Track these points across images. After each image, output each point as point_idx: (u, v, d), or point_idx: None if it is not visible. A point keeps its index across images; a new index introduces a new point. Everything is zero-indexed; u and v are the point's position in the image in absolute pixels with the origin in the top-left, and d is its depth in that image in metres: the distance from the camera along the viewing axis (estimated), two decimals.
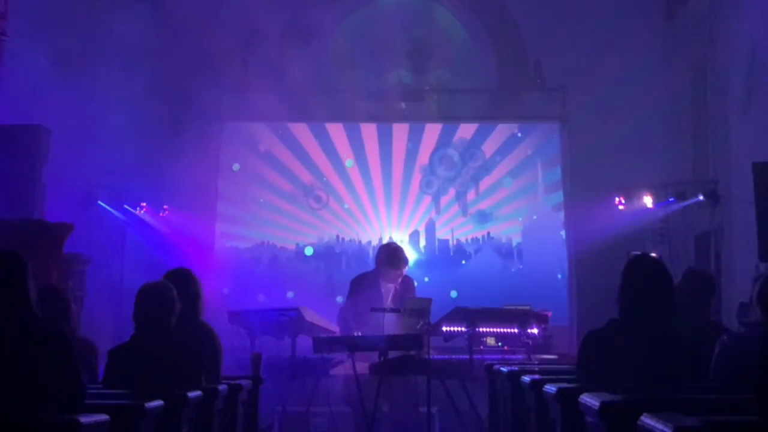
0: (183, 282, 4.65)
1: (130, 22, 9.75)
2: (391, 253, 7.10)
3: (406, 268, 7.15)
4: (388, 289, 7.00)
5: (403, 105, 11.28)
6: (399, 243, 10.54)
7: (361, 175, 11.10)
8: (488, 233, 11.03)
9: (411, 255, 10.81)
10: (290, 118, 10.96)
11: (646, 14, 10.57)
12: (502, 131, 11.08)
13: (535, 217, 10.99)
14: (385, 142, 11.13)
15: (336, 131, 11.16)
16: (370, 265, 9.94)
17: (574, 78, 10.48)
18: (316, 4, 11.08)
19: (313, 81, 10.67)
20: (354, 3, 11.28)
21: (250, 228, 11.09)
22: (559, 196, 10.95)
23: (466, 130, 11.10)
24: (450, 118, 11.13)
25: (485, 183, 11.08)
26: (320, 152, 11.13)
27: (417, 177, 11.07)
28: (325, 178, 11.11)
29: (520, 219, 11.01)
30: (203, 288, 4.99)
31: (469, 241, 11.05)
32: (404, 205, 11.07)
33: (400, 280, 7.02)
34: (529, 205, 11.04)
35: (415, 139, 11.12)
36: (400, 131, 11.15)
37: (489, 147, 11.08)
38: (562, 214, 10.90)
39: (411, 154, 11.08)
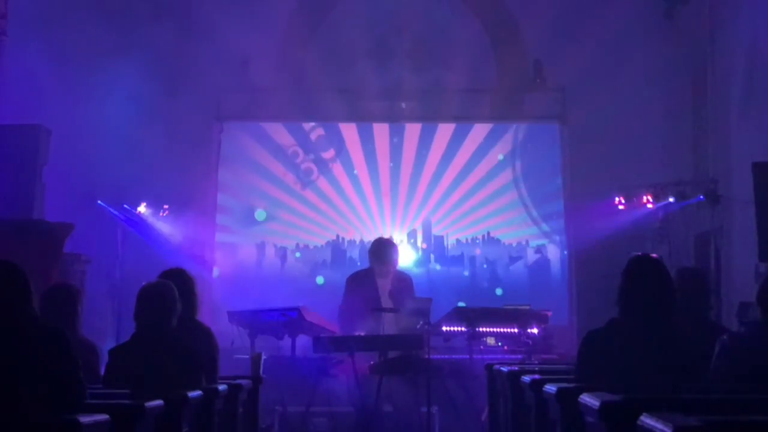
0: (179, 281, 4.65)
1: (130, 21, 9.77)
2: (378, 248, 7.15)
3: (397, 262, 7.17)
4: (384, 285, 7.00)
5: (403, 105, 11.27)
6: (399, 242, 10.60)
7: (368, 174, 11.09)
8: (488, 233, 11.04)
9: (411, 254, 10.88)
10: (291, 117, 10.96)
11: (646, 14, 10.55)
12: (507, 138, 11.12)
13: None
14: (394, 141, 11.13)
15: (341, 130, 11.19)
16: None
17: (574, 78, 10.47)
18: (315, 3, 11.09)
19: (313, 80, 10.68)
20: (354, 3, 11.26)
21: (251, 227, 11.08)
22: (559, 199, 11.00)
23: (480, 132, 11.11)
24: (449, 118, 11.11)
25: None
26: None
27: (425, 177, 11.06)
28: (331, 175, 11.12)
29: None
30: (199, 287, 5.01)
31: (469, 241, 11.05)
32: (409, 204, 11.07)
33: (391, 275, 7.04)
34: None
35: (425, 139, 11.13)
36: (411, 131, 11.15)
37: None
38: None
39: (420, 154, 11.09)
